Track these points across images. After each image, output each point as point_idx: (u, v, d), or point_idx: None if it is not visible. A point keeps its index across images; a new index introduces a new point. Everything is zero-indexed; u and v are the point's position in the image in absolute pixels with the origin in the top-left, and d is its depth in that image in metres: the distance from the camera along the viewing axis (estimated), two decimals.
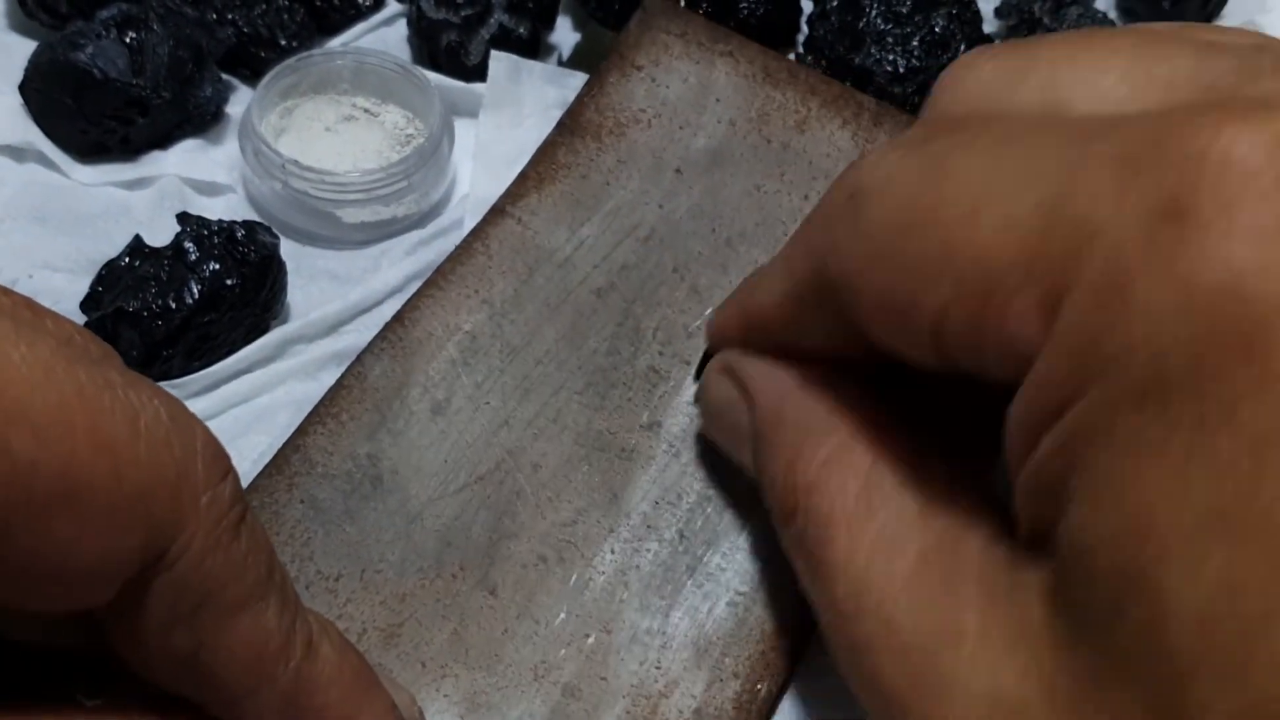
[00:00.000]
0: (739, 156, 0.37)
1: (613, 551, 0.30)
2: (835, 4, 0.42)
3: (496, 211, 0.35)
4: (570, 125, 0.37)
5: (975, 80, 0.24)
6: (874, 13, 0.41)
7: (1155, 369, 0.17)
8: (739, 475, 0.31)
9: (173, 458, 0.19)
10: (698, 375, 0.32)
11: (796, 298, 0.26)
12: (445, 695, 0.28)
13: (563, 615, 0.29)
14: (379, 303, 0.36)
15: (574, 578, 0.29)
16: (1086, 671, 0.18)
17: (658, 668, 0.28)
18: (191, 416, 0.20)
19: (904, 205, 0.21)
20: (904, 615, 0.22)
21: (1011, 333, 0.19)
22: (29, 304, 0.19)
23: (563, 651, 0.28)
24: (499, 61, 0.40)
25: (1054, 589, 0.19)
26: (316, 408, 0.32)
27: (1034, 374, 0.19)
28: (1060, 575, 0.19)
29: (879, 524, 0.23)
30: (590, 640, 0.29)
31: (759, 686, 0.28)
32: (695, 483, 0.31)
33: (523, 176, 0.36)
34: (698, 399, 0.31)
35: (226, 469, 0.20)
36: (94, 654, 0.22)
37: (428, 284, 0.34)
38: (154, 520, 0.19)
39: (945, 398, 0.25)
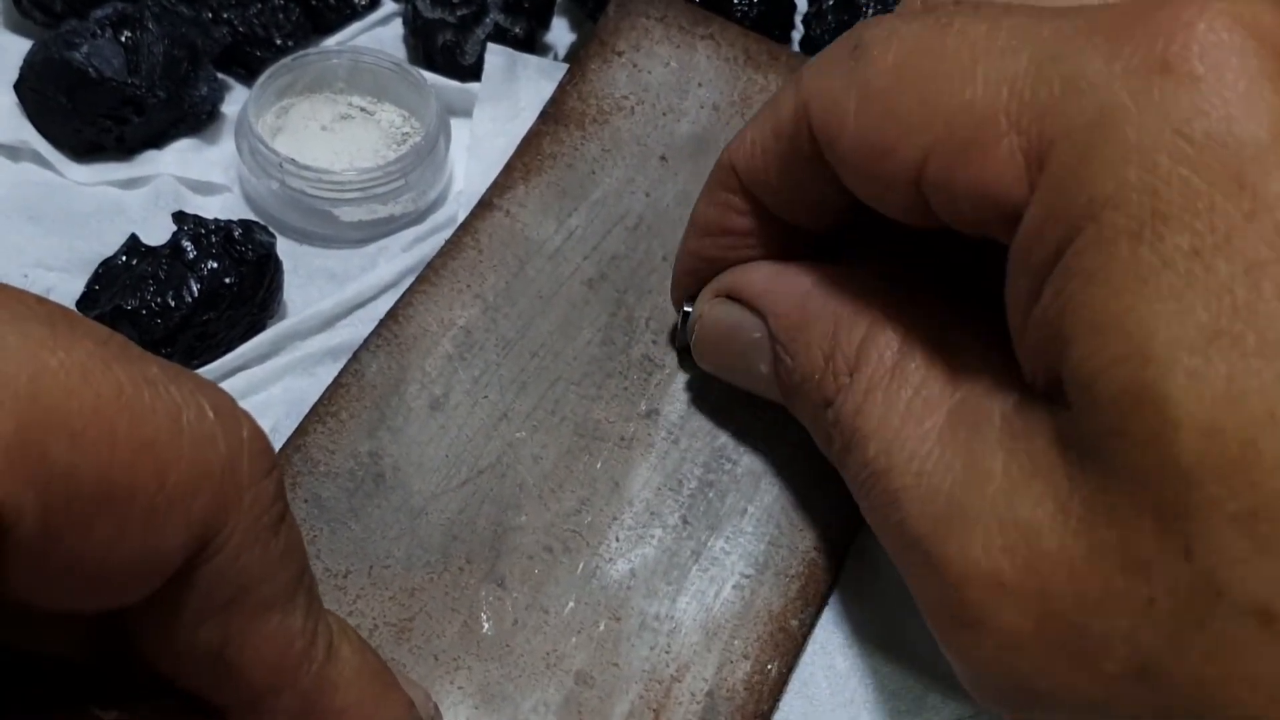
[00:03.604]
0: (723, 141, 0.37)
1: (618, 539, 0.30)
2: (831, 3, 0.42)
3: (485, 205, 0.35)
4: (554, 114, 0.37)
5: None
6: (870, 11, 0.41)
7: (1150, 205, 0.19)
8: (739, 460, 0.32)
9: (217, 452, 0.19)
10: (673, 335, 0.33)
11: (779, 141, 0.27)
12: (459, 687, 0.28)
13: (572, 604, 0.29)
14: (374, 297, 0.36)
15: (581, 567, 0.30)
16: (1096, 490, 0.20)
17: (668, 652, 0.29)
18: (238, 409, 0.20)
19: (905, 55, 0.23)
20: (934, 465, 0.23)
21: (992, 179, 0.21)
22: (63, 309, 0.19)
23: (573, 640, 0.29)
24: (495, 55, 0.40)
25: (1064, 426, 0.21)
26: (315, 406, 0.32)
27: (1025, 223, 0.21)
28: (1069, 412, 0.21)
29: (912, 389, 0.25)
30: (600, 628, 0.29)
31: (769, 666, 0.29)
32: (695, 469, 0.32)
33: (509, 168, 0.36)
34: (691, 339, 0.31)
35: (271, 464, 0.20)
36: (109, 666, 0.22)
37: (420, 280, 0.34)
38: (198, 516, 0.19)
39: (958, 276, 0.27)
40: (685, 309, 0.31)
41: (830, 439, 0.27)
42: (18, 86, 0.38)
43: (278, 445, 0.31)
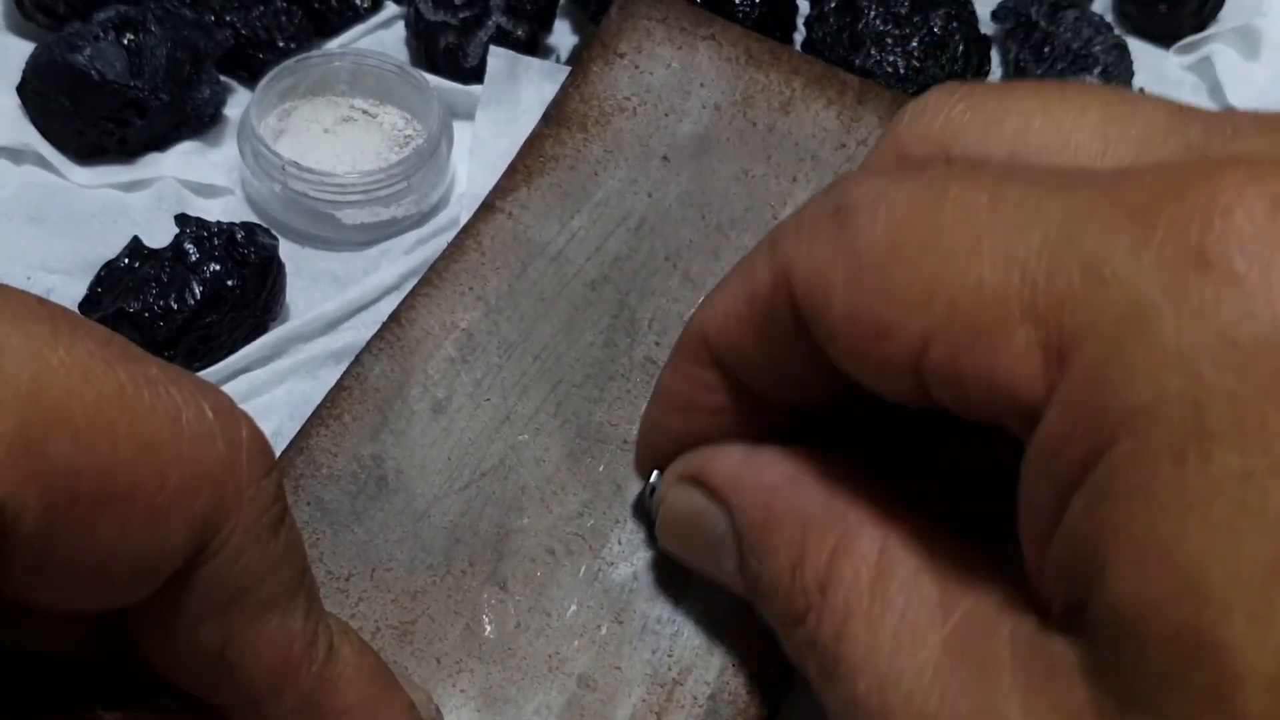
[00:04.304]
0: (725, 141, 0.37)
1: (620, 543, 0.30)
2: (833, 5, 0.42)
3: (487, 207, 0.35)
4: (556, 116, 0.37)
5: (945, 119, 0.23)
6: (873, 14, 0.41)
7: (1195, 420, 0.17)
8: None
9: (217, 452, 0.19)
10: (638, 505, 0.30)
11: (754, 312, 0.24)
12: (461, 690, 0.28)
13: (574, 607, 0.29)
14: (376, 300, 0.36)
15: (583, 569, 0.30)
16: None
17: (670, 655, 0.29)
18: (237, 410, 0.20)
19: (897, 226, 0.21)
20: (937, 708, 0.20)
21: (1005, 372, 0.19)
22: (64, 309, 0.19)
23: (576, 643, 0.29)
24: (497, 58, 0.40)
25: (1096, 664, 0.19)
26: (318, 409, 0.32)
27: (1046, 426, 0.19)
28: (1103, 648, 0.18)
29: (898, 613, 0.22)
30: (603, 631, 0.29)
31: (771, 669, 0.29)
32: None
33: (511, 170, 0.36)
34: (648, 512, 0.29)
35: (270, 464, 0.20)
36: (112, 666, 0.22)
37: (422, 282, 0.34)
38: (198, 516, 0.19)
39: (947, 465, 0.25)
40: (650, 480, 0.29)
41: (803, 661, 0.24)
42: (20, 89, 0.38)
43: (280, 448, 0.31)
